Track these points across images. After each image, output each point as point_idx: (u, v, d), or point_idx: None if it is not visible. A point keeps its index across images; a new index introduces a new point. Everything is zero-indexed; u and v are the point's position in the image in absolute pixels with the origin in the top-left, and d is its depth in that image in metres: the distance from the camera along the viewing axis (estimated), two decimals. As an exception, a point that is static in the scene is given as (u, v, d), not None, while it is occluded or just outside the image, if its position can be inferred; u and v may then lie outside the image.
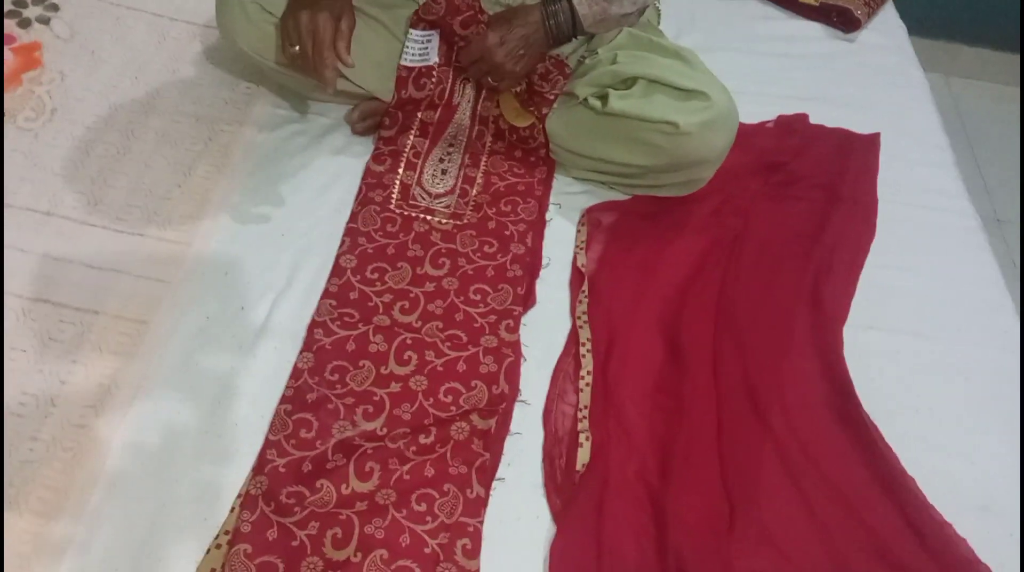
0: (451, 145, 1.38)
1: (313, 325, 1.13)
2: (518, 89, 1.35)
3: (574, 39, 1.29)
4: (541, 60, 1.31)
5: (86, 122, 1.35)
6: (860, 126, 1.54)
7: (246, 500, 0.95)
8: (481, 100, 1.39)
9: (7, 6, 1.50)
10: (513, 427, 1.07)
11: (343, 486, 0.97)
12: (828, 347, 1.17)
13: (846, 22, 1.79)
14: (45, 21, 1.50)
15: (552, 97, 1.32)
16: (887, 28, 1.84)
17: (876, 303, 1.26)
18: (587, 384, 1.11)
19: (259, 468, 0.98)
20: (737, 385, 1.12)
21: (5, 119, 1.33)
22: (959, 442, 1.12)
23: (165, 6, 1.58)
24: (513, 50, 1.25)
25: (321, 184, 1.33)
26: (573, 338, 1.17)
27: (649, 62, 1.27)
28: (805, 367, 1.15)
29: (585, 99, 1.29)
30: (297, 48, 1.19)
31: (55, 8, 1.52)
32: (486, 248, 1.26)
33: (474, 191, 1.33)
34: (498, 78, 1.29)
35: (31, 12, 1.51)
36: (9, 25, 1.48)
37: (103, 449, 0.99)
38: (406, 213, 1.29)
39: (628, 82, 1.26)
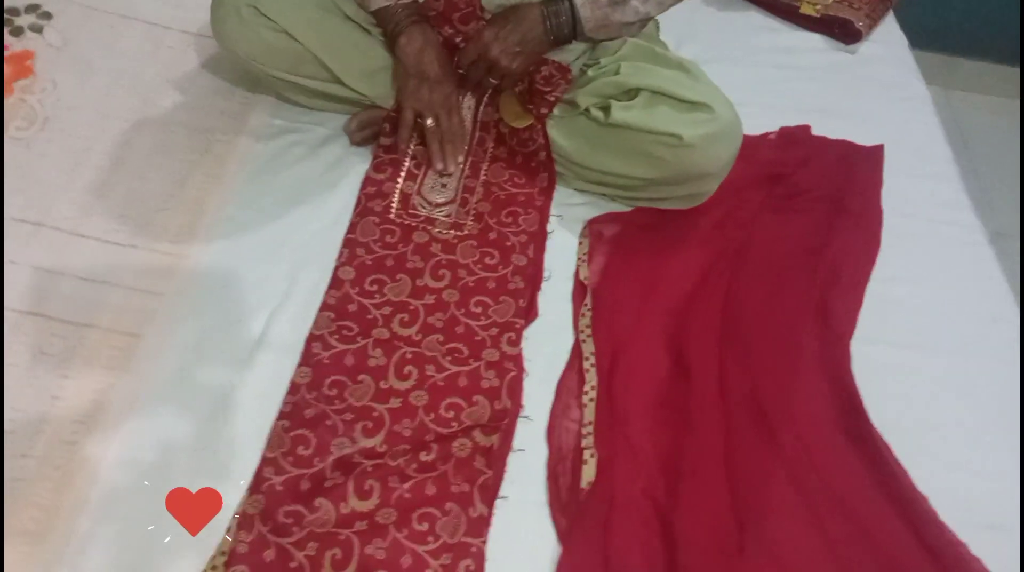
0: None
1: (311, 339, 1.11)
2: (518, 89, 1.33)
3: (574, 42, 1.27)
4: (540, 60, 1.29)
5: (79, 132, 1.33)
6: (862, 138, 1.53)
7: (242, 520, 0.93)
8: (482, 106, 1.37)
9: (-2, 14, 1.48)
10: (516, 443, 1.04)
11: (342, 505, 0.95)
12: (836, 362, 1.15)
13: (847, 34, 1.78)
14: (38, 29, 1.48)
15: (553, 99, 1.30)
16: (888, 40, 1.83)
17: (882, 317, 1.24)
18: (591, 399, 1.09)
19: (256, 487, 0.95)
20: (745, 400, 1.10)
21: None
22: (969, 459, 1.09)
23: (159, 15, 1.56)
24: (510, 46, 1.23)
25: (319, 194, 1.31)
26: (576, 352, 1.15)
27: (652, 73, 1.25)
28: (814, 383, 1.12)
29: (587, 110, 1.28)
30: (430, 121, 1.30)
31: (48, 16, 1.50)
32: (487, 259, 1.24)
33: (474, 199, 1.31)
34: (496, 76, 1.27)
35: (23, 20, 1.48)
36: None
37: (95, 467, 0.96)
38: (406, 223, 1.27)
39: (631, 93, 1.25)
